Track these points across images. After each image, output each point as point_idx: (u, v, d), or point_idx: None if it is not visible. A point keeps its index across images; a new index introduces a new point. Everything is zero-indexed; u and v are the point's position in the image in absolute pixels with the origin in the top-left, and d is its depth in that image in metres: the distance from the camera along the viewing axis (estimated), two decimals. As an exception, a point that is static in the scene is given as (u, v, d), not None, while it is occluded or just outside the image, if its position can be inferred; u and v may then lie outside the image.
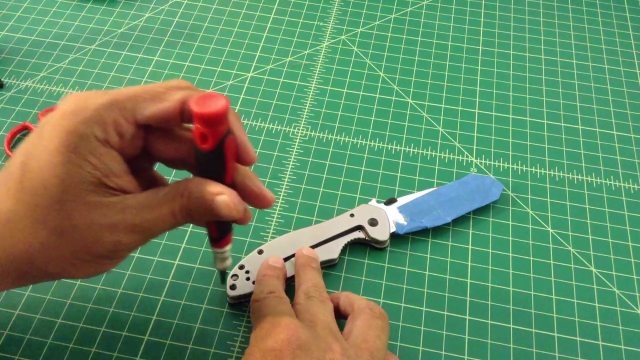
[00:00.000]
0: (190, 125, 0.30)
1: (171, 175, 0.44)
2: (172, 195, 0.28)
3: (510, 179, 0.46)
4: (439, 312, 0.39)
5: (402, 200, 0.43)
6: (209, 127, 0.27)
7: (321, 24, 0.56)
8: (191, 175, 0.32)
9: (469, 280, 0.40)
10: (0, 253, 0.27)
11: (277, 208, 0.43)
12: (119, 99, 0.27)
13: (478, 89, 0.52)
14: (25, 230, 0.27)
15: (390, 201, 0.43)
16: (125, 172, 0.28)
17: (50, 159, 0.26)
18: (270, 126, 0.48)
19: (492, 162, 0.47)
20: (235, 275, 0.38)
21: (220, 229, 0.32)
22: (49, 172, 0.26)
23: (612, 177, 0.46)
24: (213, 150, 0.28)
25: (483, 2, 0.59)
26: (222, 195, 0.28)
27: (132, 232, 0.28)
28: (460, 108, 0.50)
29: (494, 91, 0.52)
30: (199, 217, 0.29)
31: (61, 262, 0.27)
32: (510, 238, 0.42)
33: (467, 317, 0.38)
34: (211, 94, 0.27)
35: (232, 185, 0.30)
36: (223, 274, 0.36)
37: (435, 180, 0.45)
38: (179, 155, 0.30)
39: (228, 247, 0.33)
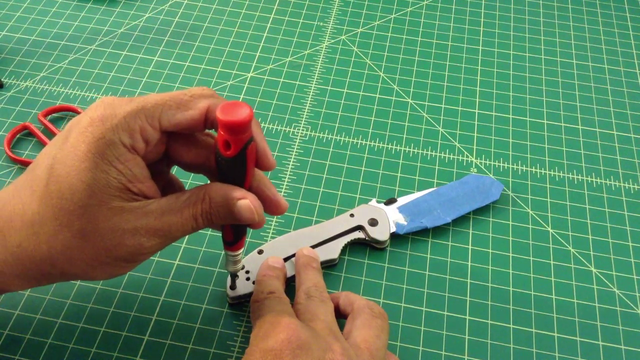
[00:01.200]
0: (212, 131, 0.31)
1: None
2: (193, 200, 0.29)
3: (510, 179, 0.46)
4: (439, 312, 0.39)
5: (402, 200, 0.43)
6: (233, 134, 0.27)
7: (321, 24, 0.56)
8: (207, 179, 0.33)
9: (469, 280, 0.40)
10: (23, 254, 0.28)
11: (277, 208, 0.43)
12: (146, 107, 0.28)
13: (478, 89, 0.52)
14: (49, 232, 0.27)
15: (390, 201, 0.43)
16: (147, 178, 0.29)
17: (77, 165, 0.26)
18: (270, 126, 0.48)
19: (492, 162, 0.47)
20: (235, 275, 0.38)
21: (235, 233, 0.32)
22: (76, 177, 0.26)
23: (612, 177, 0.46)
24: (235, 157, 0.28)
25: (483, 2, 0.59)
26: (244, 200, 0.29)
27: (153, 236, 0.28)
28: (460, 108, 0.50)
29: (494, 91, 0.52)
30: (219, 220, 0.30)
31: (82, 263, 0.28)
32: (510, 238, 0.42)
33: (467, 317, 0.38)
34: (235, 102, 0.27)
35: (249, 190, 0.30)
36: (233, 277, 0.36)
37: (435, 180, 0.45)
38: (199, 160, 0.31)
39: (241, 251, 0.34)
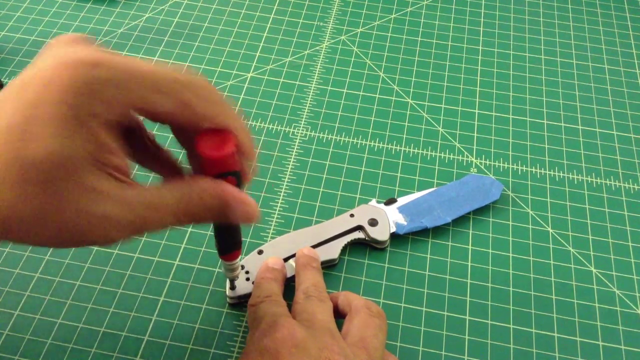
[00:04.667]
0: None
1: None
2: (179, 196, 0.26)
3: (510, 179, 0.46)
4: (439, 312, 0.39)
5: (402, 201, 0.43)
6: (216, 167, 0.26)
7: (321, 24, 0.56)
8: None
9: (469, 280, 0.40)
10: None
11: (277, 208, 0.43)
12: (133, 84, 0.23)
13: (478, 89, 0.52)
14: (9, 199, 0.23)
15: (390, 201, 0.43)
16: (120, 151, 0.25)
17: (46, 130, 0.22)
18: (270, 126, 0.48)
19: (492, 162, 0.47)
20: (233, 280, 0.38)
21: (229, 242, 0.32)
22: (42, 143, 0.22)
23: (612, 177, 0.46)
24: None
25: (483, 2, 0.59)
26: (243, 204, 0.27)
27: (125, 228, 0.25)
28: (460, 108, 0.50)
29: (494, 91, 0.52)
30: (206, 222, 0.27)
31: (39, 238, 0.24)
32: (510, 238, 0.42)
33: (467, 317, 0.38)
34: (217, 130, 0.25)
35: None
36: (232, 281, 0.37)
37: (435, 181, 0.45)
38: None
39: (236, 260, 0.33)
